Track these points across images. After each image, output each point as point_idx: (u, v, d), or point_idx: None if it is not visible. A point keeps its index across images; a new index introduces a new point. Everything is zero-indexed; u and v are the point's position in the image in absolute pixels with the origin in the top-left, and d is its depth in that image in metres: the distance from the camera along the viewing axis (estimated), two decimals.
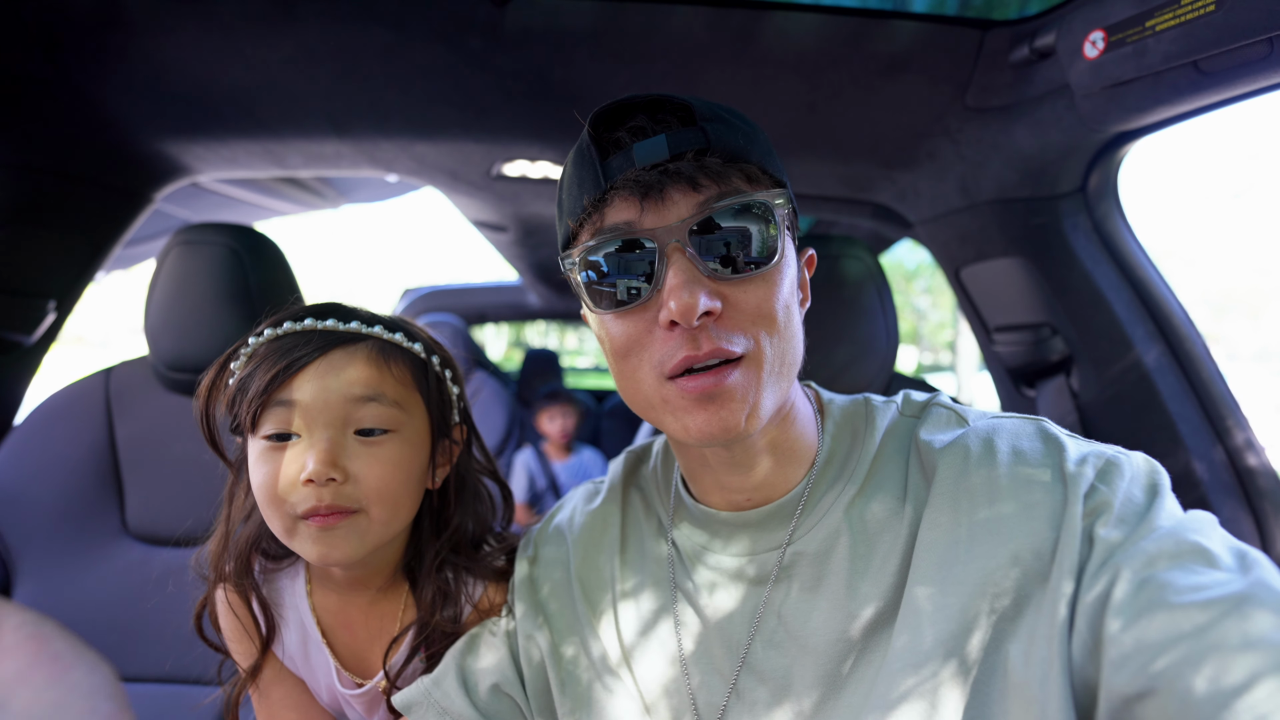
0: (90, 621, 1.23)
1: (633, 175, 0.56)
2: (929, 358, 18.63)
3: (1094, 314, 1.27)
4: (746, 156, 0.58)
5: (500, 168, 1.74)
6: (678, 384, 0.57)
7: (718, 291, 0.57)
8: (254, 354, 0.72)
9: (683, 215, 0.57)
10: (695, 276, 0.56)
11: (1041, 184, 1.25)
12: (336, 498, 0.67)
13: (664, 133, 0.56)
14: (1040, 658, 0.48)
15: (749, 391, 0.57)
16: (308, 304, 0.76)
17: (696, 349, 0.56)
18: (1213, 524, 0.51)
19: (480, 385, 3.49)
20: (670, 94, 0.58)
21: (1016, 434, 0.60)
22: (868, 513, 0.62)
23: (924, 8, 1.06)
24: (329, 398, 0.68)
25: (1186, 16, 0.82)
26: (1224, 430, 1.18)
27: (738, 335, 0.57)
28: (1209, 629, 0.42)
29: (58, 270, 1.45)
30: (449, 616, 0.78)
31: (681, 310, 0.54)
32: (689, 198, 0.57)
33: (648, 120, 0.58)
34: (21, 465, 1.30)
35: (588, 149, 0.59)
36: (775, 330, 0.58)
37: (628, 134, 0.58)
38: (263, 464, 0.69)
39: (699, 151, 0.56)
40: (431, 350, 0.80)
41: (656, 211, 0.57)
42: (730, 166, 0.57)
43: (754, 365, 0.57)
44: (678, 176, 0.56)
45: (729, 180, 0.57)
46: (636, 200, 0.57)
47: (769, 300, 0.57)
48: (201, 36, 1.16)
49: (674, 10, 1.08)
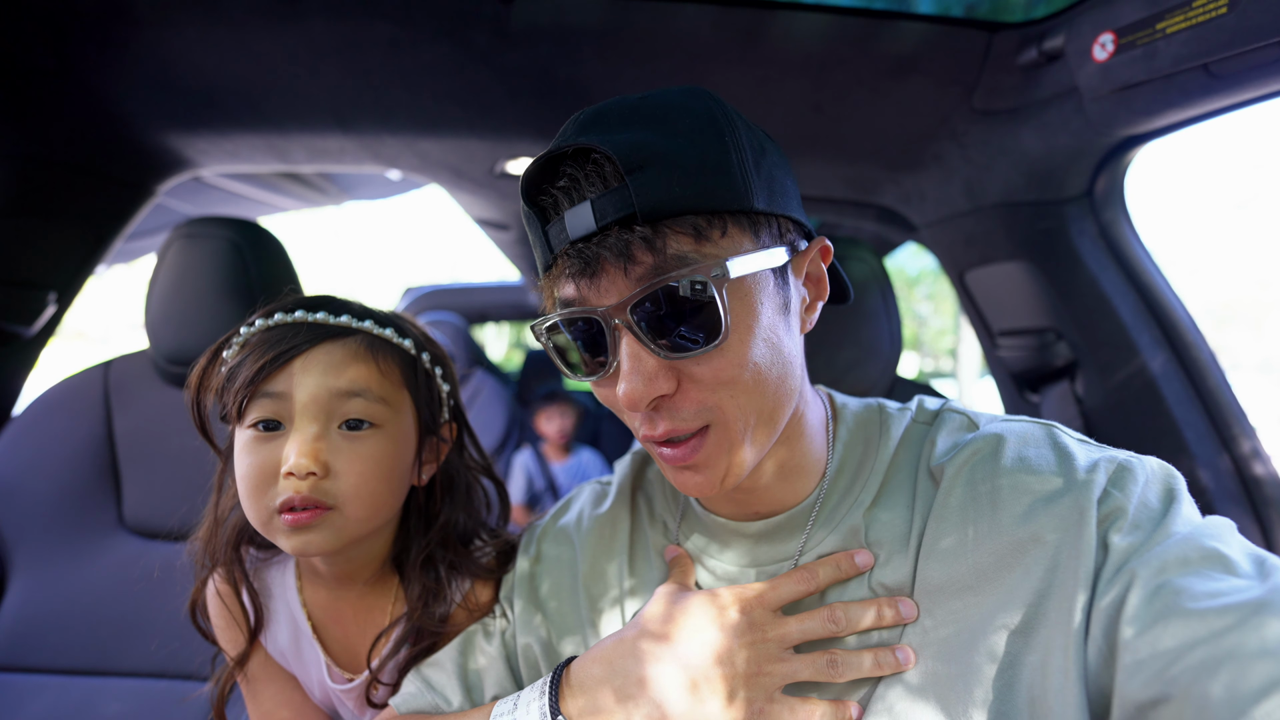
0: (85, 615, 1.23)
1: (568, 250, 0.53)
2: (930, 364, 18.61)
3: (1099, 319, 1.26)
4: (683, 205, 0.50)
5: (504, 165, 1.73)
6: (658, 450, 0.58)
7: (671, 368, 0.53)
8: (245, 343, 0.72)
9: (622, 293, 0.52)
10: (643, 360, 0.52)
11: (1048, 188, 1.24)
12: (314, 492, 0.66)
13: (590, 198, 0.51)
14: (1057, 667, 0.47)
15: (719, 456, 0.56)
16: (301, 296, 0.76)
17: (653, 429, 0.55)
18: (1231, 530, 0.50)
19: (480, 385, 3.48)
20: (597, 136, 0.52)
21: (1025, 440, 0.58)
22: (881, 523, 0.61)
23: (931, 9, 1.05)
24: (315, 391, 0.68)
25: (1198, 19, 0.81)
26: (1230, 438, 1.17)
27: (696, 410, 0.54)
28: (1226, 635, 0.41)
29: (59, 262, 1.45)
30: (437, 614, 0.77)
31: (628, 400, 0.52)
32: (625, 274, 0.52)
33: (579, 173, 0.52)
34: (18, 458, 1.29)
35: (529, 214, 0.55)
36: (743, 391, 0.54)
37: (561, 195, 0.53)
38: (246, 454, 0.69)
39: (626, 219, 0.50)
40: (423, 347, 0.79)
41: (595, 289, 0.53)
42: (667, 226, 0.50)
43: (723, 431, 0.56)
44: (608, 251, 0.51)
45: (663, 248, 0.51)
46: (574, 279, 0.54)
47: (728, 369, 0.53)
48: (207, 30, 1.16)
49: (681, 9, 1.08)
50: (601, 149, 0.51)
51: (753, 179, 0.54)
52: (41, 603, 1.23)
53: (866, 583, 0.60)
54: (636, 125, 0.53)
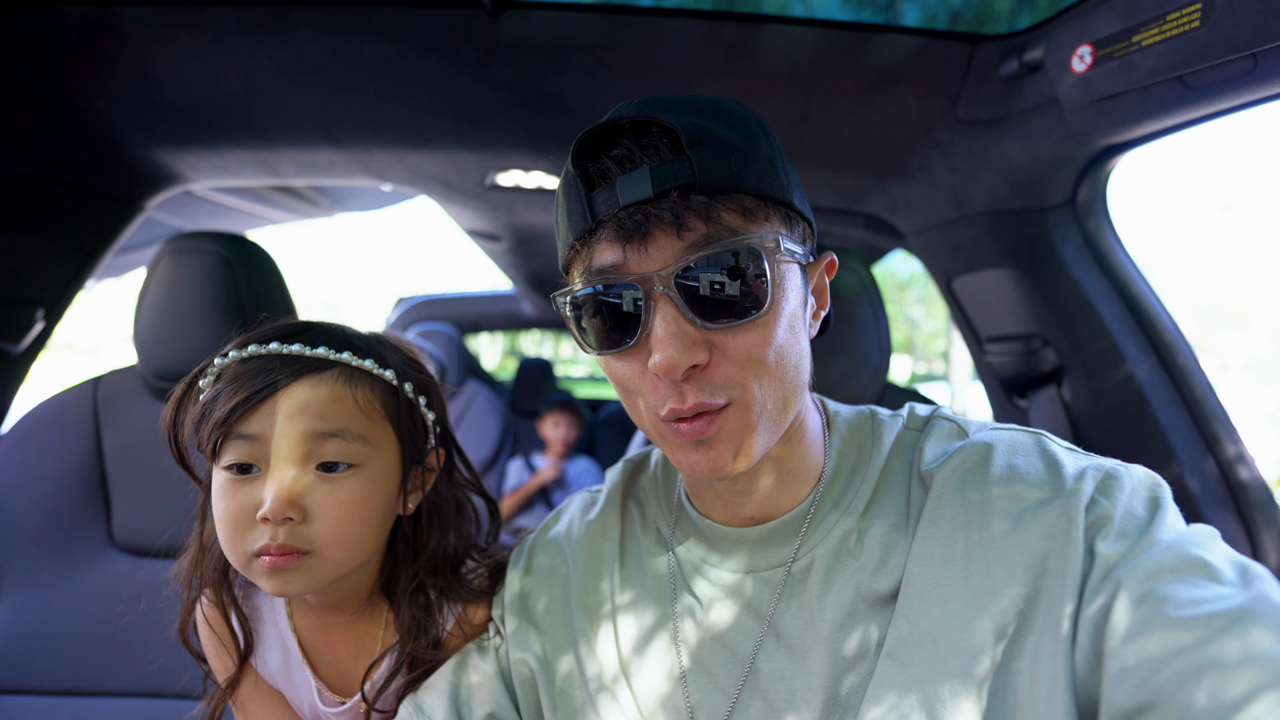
0: (74, 635, 1.21)
1: (616, 215, 0.54)
2: (922, 367, 18.70)
3: (1084, 325, 1.28)
4: (739, 184, 0.54)
5: (494, 177, 1.74)
6: (672, 426, 0.57)
7: (705, 340, 0.55)
8: (219, 375, 0.70)
9: (668, 260, 0.54)
10: (681, 327, 0.54)
11: (1031, 196, 1.26)
12: (290, 537, 0.65)
13: (648, 165, 0.53)
14: (1046, 674, 0.48)
15: (735, 436, 0.57)
16: (275, 325, 0.74)
17: (681, 402, 0.55)
18: (1214, 537, 0.51)
19: (474, 395, 3.48)
20: (657, 115, 0.54)
21: (1014, 449, 0.59)
22: (872, 531, 0.61)
23: (915, 22, 1.07)
24: (291, 434, 0.66)
25: (1172, 32, 0.83)
26: (1215, 441, 1.18)
27: (724, 385, 0.55)
28: (1209, 643, 0.42)
29: (47, 278, 1.44)
30: (429, 640, 0.76)
31: (665, 366, 0.53)
32: (674, 241, 0.53)
33: (634, 145, 0.54)
34: (7, 475, 1.28)
35: (574, 180, 0.56)
36: (766, 373, 0.56)
37: (613, 164, 0.54)
38: (222, 497, 0.67)
39: (685, 187, 0.52)
40: (405, 376, 0.76)
41: (641, 255, 0.54)
42: (720, 201, 0.53)
43: (742, 410, 0.56)
44: (662, 217, 0.52)
45: (718, 219, 0.53)
46: (620, 243, 0.55)
47: (760, 346, 0.55)
48: (195, 45, 1.16)
49: (668, 23, 1.09)
50: (665, 121, 0.53)
51: (791, 179, 0.59)
52: (30, 622, 1.21)
53: (855, 589, 0.60)
54: (691, 112, 0.55)
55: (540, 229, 2.32)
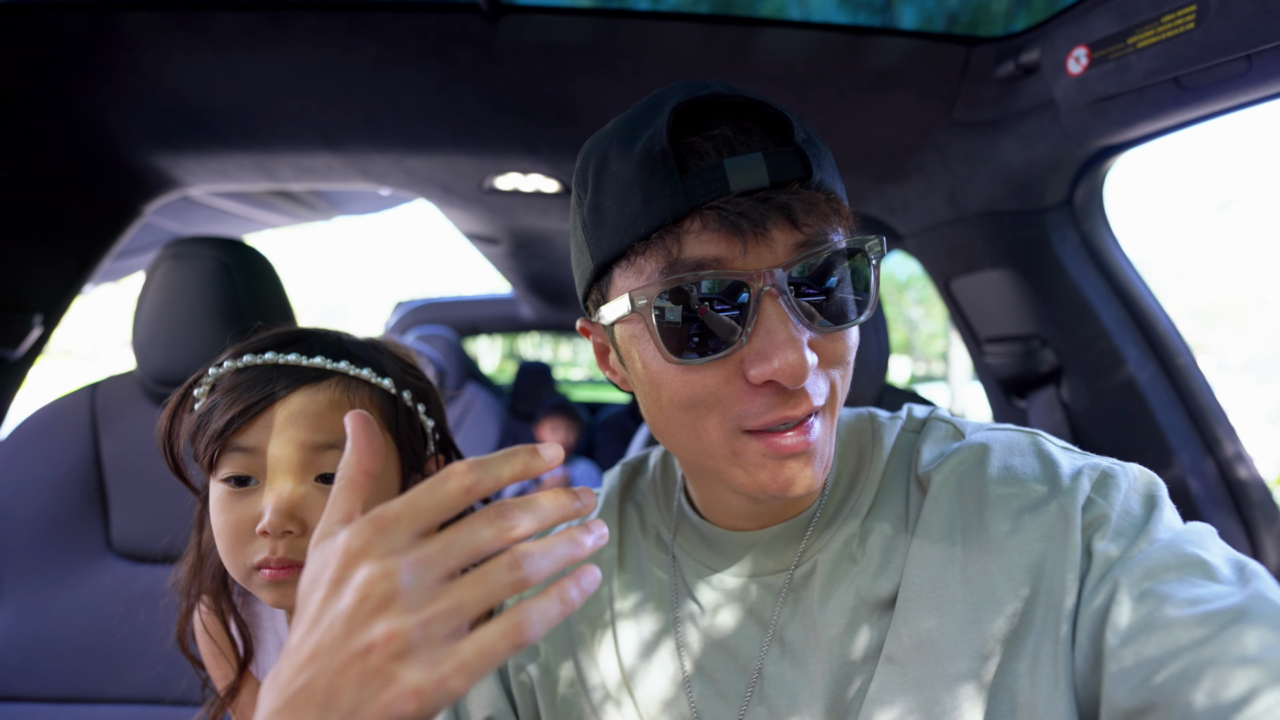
0: (72, 642, 1.21)
1: (727, 202, 0.47)
2: (922, 368, 18.73)
3: (1082, 325, 1.28)
4: (836, 183, 0.51)
5: (492, 181, 1.74)
6: (762, 439, 0.51)
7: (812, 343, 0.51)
8: (214, 386, 0.69)
9: (780, 258, 0.48)
10: (796, 330, 0.48)
11: (1029, 197, 1.26)
12: (290, 551, 0.64)
13: (760, 151, 0.48)
14: (1046, 675, 0.48)
15: (824, 443, 0.54)
16: (271, 333, 0.73)
17: (795, 409, 0.50)
18: (1211, 535, 0.50)
19: (473, 398, 3.47)
20: (761, 97, 0.49)
21: (1010, 449, 0.59)
22: (875, 534, 0.61)
23: (911, 24, 1.07)
24: (289, 446, 0.65)
25: (1167, 34, 0.83)
26: (1214, 441, 1.18)
27: (823, 386, 0.52)
28: (1207, 643, 0.41)
29: (44, 284, 1.44)
30: None
31: (789, 373, 0.47)
32: (789, 236, 0.49)
33: (732, 129, 0.48)
34: (4, 482, 1.27)
35: (663, 155, 0.48)
36: (844, 375, 0.54)
37: (712, 146, 0.48)
38: (220, 510, 0.67)
39: (800, 180, 0.48)
40: (403, 384, 0.75)
41: (753, 250, 0.48)
42: (830, 202, 0.50)
43: (829, 412, 0.54)
44: (778, 210, 0.47)
45: (828, 219, 0.50)
46: (731, 234, 0.48)
47: (848, 349, 0.53)
48: (192, 51, 1.16)
49: (665, 26, 1.09)
50: (776, 106, 0.49)
51: None
52: (29, 629, 1.21)
53: (856, 593, 0.60)
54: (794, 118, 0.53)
55: (538, 232, 2.33)
